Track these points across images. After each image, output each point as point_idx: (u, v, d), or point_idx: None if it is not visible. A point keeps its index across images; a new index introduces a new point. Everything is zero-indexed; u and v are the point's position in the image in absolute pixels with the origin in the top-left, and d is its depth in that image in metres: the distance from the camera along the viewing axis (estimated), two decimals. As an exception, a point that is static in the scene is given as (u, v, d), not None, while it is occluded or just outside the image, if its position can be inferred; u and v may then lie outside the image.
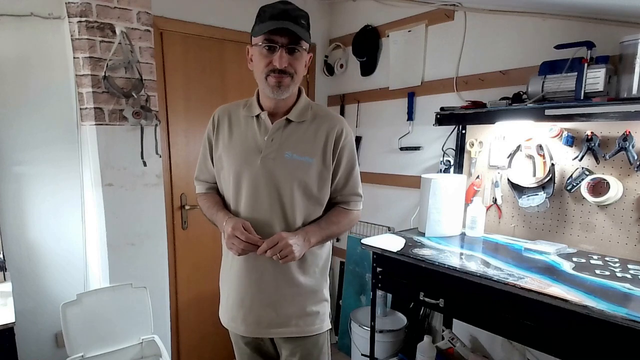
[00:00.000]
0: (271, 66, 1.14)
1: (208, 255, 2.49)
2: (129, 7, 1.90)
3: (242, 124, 1.28)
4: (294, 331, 1.28)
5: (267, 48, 1.14)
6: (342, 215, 1.32)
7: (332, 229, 1.28)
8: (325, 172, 1.25)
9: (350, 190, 1.32)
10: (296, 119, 1.24)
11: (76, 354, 1.80)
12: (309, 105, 1.28)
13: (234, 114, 1.31)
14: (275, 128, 1.23)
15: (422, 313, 2.45)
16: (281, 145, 1.22)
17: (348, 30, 2.76)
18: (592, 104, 1.54)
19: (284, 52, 1.13)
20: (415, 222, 2.28)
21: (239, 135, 1.27)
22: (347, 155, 1.28)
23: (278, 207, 1.22)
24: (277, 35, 1.12)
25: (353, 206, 1.33)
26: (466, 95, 2.16)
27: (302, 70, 1.20)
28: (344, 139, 1.26)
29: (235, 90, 2.52)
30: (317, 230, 1.25)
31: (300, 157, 1.21)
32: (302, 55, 1.17)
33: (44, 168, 1.98)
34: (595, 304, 1.21)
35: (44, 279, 2.05)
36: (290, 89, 1.20)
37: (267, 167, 1.21)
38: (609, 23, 1.67)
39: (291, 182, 1.21)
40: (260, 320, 1.28)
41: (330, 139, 1.24)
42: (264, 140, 1.23)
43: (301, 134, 1.24)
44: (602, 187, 1.65)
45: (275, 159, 1.21)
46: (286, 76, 1.16)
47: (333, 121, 1.27)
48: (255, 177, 1.22)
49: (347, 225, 1.34)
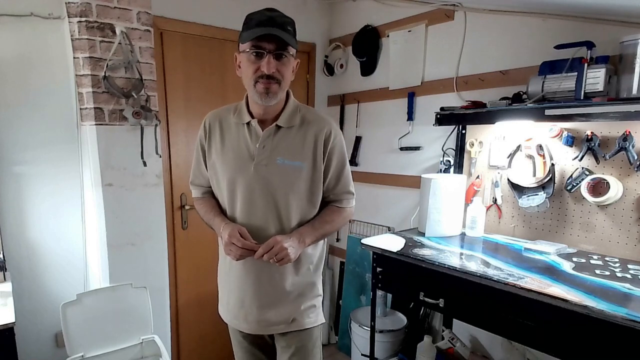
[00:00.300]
0: (259, 72, 1.17)
1: (208, 255, 2.48)
2: (129, 7, 1.90)
3: (234, 131, 1.31)
4: (292, 326, 1.34)
5: (254, 54, 1.16)
6: (335, 213, 1.35)
7: (326, 228, 1.33)
8: (317, 175, 1.28)
9: (342, 189, 1.35)
10: (285, 125, 1.27)
11: (76, 354, 1.80)
12: (297, 109, 1.31)
13: (225, 121, 1.33)
14: (265, 135, 1.26)
15: (422, 313, 2.45)
16: (272, 151, 1.25)
17: (348, 30, 2.76)
18: (592, 104, 1.53)
19: (272, 58, 1.15)
20: (415, 222, 2.28)
21: (230, 142, 1.30)
22: (337, 155, 1.31)
23: (273, 212, 1.26)
24: (265, 41, 1.14)
25: (345, 204, 1.37)
26: (466, 95, 2.16)
27: (290, 76, 1.23)
28: (333, 140, 1.29)
29: (235, 90, 2.51)
30: (311, 231, 1.29)
31: (291, 162, 1.25)
32: (289, 60, 1.20)
33: (44, 168, 1.98)
34: (595, 304, 1.21)
35: (44, 279, 2.05)
36: (279, 96, 1.22)
37: (260, 173, 1.25)
38: (609, 23, 1.67)
39: (284, 187, 1.25)
40: (260, 319, 1.33)
41: (319, 142, 1.27)
42: (255, 147, 1.26)
43: (291, 139, 1.27)
44: (602, 187, 1.65)
45: (267, 165, 1.25)
46: (274, 82, 1.18)
47: (321, 124, 1.29)
48: (249, 183, 1.26)
49: (340, 223, 1.39)
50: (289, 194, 1.25)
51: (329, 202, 1.36)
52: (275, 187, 1.25)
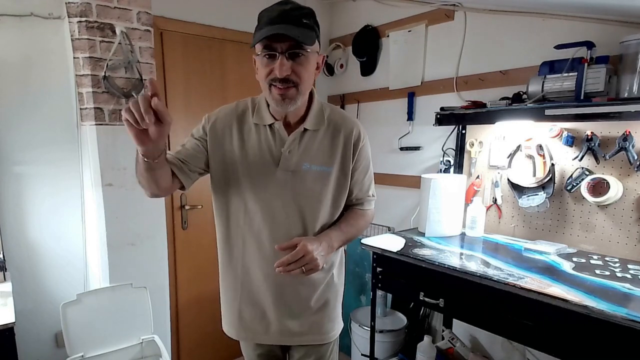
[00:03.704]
0: (272, 75, 1.05)
1: (208, 255, 2.49)
2: (129, 7, 1.90)
3: (254, 132, 1.18)
4: (315, 339, 1.28)
5: (267, 56, 1.05)
6: (359, 216, 1.29)
7: (352, 232, 1.26)
8: (344, 179, 1.22)
9: (366, 192, 1.29)
10: (312, 127, 1.18)
11: (76, 354, 1.80)
12: (322, 110, 1.22)
13: (245, 121, 1.20)
14: (291, 139, 1.15)
15: (422, 313, 2.45)
16: (299, 156, 1.16)
17: (348, 30, 2.76)
18: (592, 104, 1.53)
19: (285, 59, 1.03)
20: (415, 222, 2.28)
21: (251, 145, 1.18)
22: (364, 158, 1.25)
23: (297, 219, 1.18)
24: (277, 41, 1.02)
25: (367, 206, 1.31)
26: (466, 95, 2.16)
27: (310, 76, 1.10)
28: (362, 142, 1.23)
29: (236, 90, 2.51)
30: (340, 235, 1.21)
31: (318, 167, 1.17)
32: (307, 59, 1.07)
33: (44, 168, 1.98)
34: (595, 304, 1.21)
35: (44, 279, 2.05)
36: (298, 101, 1.09)
37: (285, 180, 1.16)
38: (609, 23, 1.67)
39: (310, 194, 1.17)
40: (283, 330, 1.26)
41: (348, 145, 1.20)
42: (280, 152, 1.16)
43: (318, 143, 1.18)
44: (602, 187, 1.65)
45: (293, 171, 1.16)
46: (290, 87, 1.06)
47: (349, 126, 1.21)
48: (272, 190, 1.17)
49: (363, 227, 1.31)
50: (315, 202, 1.18)
51: (352, 205, 1.29)
52: (299, 193, 1.16)
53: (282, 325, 1.25)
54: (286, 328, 1.25)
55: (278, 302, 1.23)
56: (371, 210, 1.34)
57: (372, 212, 1.35)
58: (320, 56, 1.14)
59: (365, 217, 1.31)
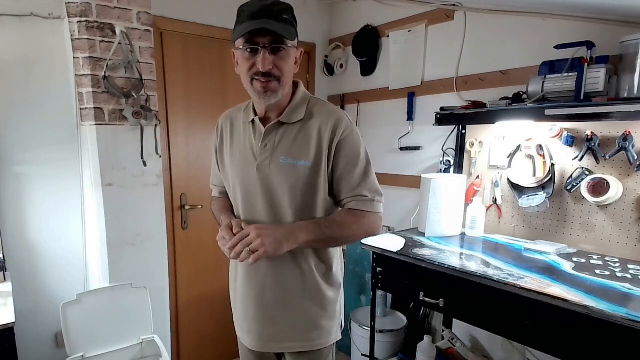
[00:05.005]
0: (255, 69, 1.07)
1: (208, 255, 2.49)
2: (129, 7, 1.90)
3: (241, 130, 1.23)
4: (298, 346, 1.23)
5: (249, 50, 1.06)
6: (350, 216, 1.18)
7: (334, 230, 1.15)
8: (317, 174, 1.14)
9: (357, 190, 1.18)
10: (288, 120, 1.15)
11: (76, 354, 1.80)
12: (304, 103, 1.18)
13: (235, 120, 1.27)
14: (267, 133, 1.16)
15: (422, 313, 2.45)
16: (275, 150, 1.15)
17: (348, 30, 2.76)
18: (592, 104, 1.53)
19: (267, 53, 1.04)
20: (415, 222, 2.28)
21: (238, 142, 1.23)
22: (345, 151, 1.15)
23: (272, 214, 1.17)
24: (258, 35, 1.03)
25: (363, 207, 1.18)
26: (466, 95, 2.16)
27: (290, 70, 1.11)
28: (341, 133, 1.13)
29: (235, 90, 2.51)
30: (311, 228, 1.13)
31: (294, 161, 1.13)
32: (288, 53, 1.08)
33: (44, 168, 1.98)
34: (595, 304, 1.21)
35: (44, 279, 2.05)
36: (279, 93, 1.11)
37: (262, 174, 1.15)
38: (609, 23, 1.67)
39: (287, 189, 1.14)
40: (262, 333, 1.24)
41: (323, 137, 1.13)
42: (258, 147, 1.17)
43: (294, 136, 1.15)
44: (602, 187, 1.65)
45: (270, 165, 1.14)
46: (272, 80, 1.07)
47: (327, 116, 1.14)
48: (251, 185, 1.18)
49: (358, 229, 1.19)
50: (289, 196, 1.14)
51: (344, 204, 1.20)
52: (276, 188, 1.14)
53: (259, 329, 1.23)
54: (264, 332, 1.23)
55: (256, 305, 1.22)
56: (372, 213, 1.20)
57: (374, 216, 1.21)
58: (299, 51, 1.15)
59: (361, 219, 1.18)
